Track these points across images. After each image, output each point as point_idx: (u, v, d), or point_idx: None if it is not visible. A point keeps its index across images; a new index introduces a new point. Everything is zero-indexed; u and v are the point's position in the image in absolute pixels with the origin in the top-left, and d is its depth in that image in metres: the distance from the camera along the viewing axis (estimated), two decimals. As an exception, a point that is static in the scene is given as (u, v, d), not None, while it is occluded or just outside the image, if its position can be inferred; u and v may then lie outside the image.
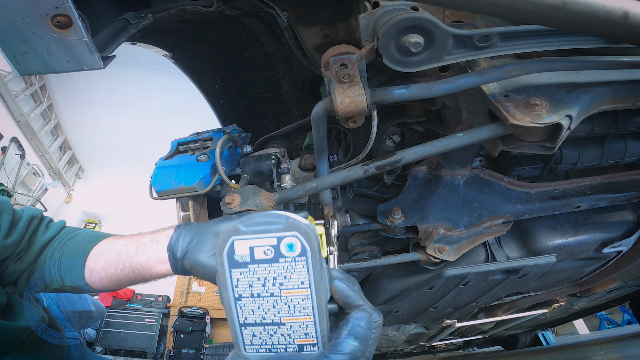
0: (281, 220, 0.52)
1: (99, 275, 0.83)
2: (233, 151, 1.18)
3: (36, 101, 6.33)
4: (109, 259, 0.83)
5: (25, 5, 0.62)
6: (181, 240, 0.78)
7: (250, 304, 0.54)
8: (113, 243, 0.87)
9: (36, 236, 0.91)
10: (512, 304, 1.99)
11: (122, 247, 0.84)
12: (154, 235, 0.84)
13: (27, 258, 0.88)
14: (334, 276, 0.59)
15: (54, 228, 0.94)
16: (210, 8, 1.02)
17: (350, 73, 0.80)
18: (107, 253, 0.84)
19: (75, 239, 0.90)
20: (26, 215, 0.90)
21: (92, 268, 0.84)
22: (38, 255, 0.89)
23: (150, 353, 6.77)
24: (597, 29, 0.64)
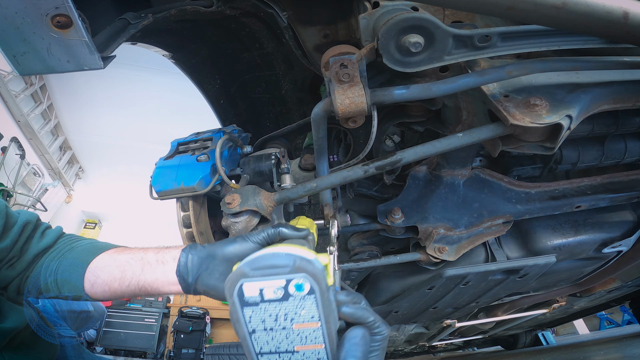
0: (288, 263, 0.53)
1: (101, 288, 0.83)
2: (233, 151, 1.17)
3: (36, 101, 6.33)
4: (112, 275, 0.82)
5: (25, 5, 0.62)
6: (190, 265, 0.78)
7: (264, 336, 0.56)
8: (114, 258, 0.85)
9: (30, 243, 0.89)
10: (512, 304, 1.99)
11: (126, 263, 0.83)
12: (158, 254, 0.83)
13: (19, 265, 0.87)
14: (341, 302, 0.61)
15: (50, 236, 0.92)
16: (210, 8, 1.02)
17: (350, 73, 0.80)
18: (110, 268, 0.83)
19: (73, 250, 0.89)
20: (20, 221, 0.87)
21: (94, 282, 0.83)
22: (31, 263, 0.88)
23: (150, 353, 6.77)
24: (597, 29, 0.64)
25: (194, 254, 0.78)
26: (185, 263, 0.78)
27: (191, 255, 0.78)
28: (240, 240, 0.78)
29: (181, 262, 0.78)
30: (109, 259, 0.86)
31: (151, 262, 0.82)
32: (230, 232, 1.04)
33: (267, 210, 1.00)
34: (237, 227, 1.01)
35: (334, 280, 0.86)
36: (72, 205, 8.58)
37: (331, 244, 0.96)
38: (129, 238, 9.06)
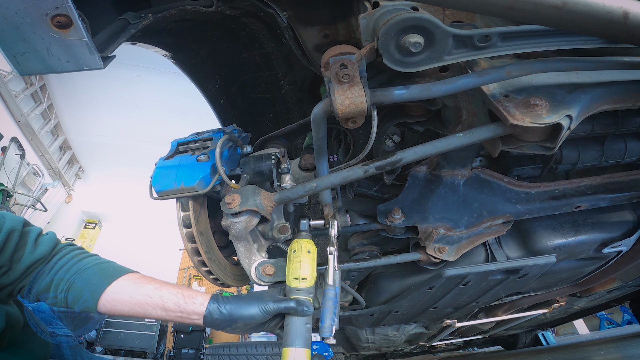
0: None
1: (119, 314, 0.93)
2: (233, 151, 1.17)
3: (36, 101, 6.34)
4: (132, 310, 0.92)
5: (25, 5, 0.62)
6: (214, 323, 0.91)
7: None
8: (132, 295, 0.92)
9: (22, 253, 0.90)
10: (512, 304, 1.99)
11: (146, 305, 0.91)
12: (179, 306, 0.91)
13: (13, 275, 0.89)
14: None
15: (44, 246, 0.94)
16: (210, 8, 1.02)
17: (350, 73, 0.80)
18: (130, 304, 0.92)
19: (83, 273, 0.93)
20: (5, 229, 0.88)
21: (111, 308, 0.92)
22: (24, 272, 0.90)
23: (150, 353, 6.77)
24: (597, 29, 0.64)
25: (216, 316, 0.90)
26: (211, 322, 0.91)
27: (214, 317, 0.90)
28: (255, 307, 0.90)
29: (207, 320, 0.91)
30: (125, 294, 0.92)
31: (174, 310, 0.91)
32: (230, 232, 1.04)
33: (267, 210, 1.00)
34: (237, 227, 1.01)
35: (334, 280, 0.88)
36: (72, 205, 8.59)
37: (331, 244, 0.96)
38: (129, 238, 9.07)
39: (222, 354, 5.61)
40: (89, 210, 9.46)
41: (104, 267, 0.97)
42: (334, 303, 0.86)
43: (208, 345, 6.83)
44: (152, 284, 0.95)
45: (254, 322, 0.90)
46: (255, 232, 1.07)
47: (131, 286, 0.93)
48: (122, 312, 0.92)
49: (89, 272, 0.93)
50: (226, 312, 0.90)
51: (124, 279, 0.94)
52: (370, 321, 1.79)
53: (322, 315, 0.84)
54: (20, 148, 6.11)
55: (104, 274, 0.94)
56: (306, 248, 0.98)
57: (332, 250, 0.96)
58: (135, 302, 0.91)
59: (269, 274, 1.04)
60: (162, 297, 0.92)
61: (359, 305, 1.62)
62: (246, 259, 1.08)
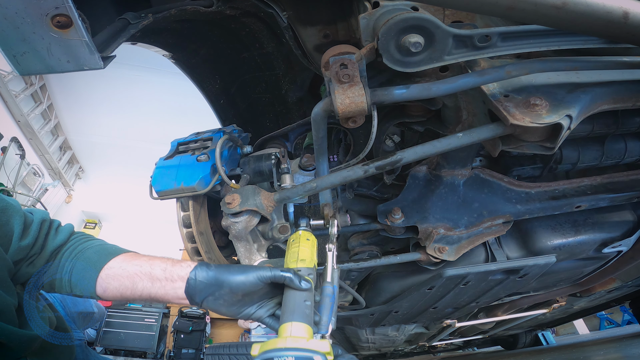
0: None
1: (113, 294, 0.89)
2: (233, 151, 1.18)
3: (36, 101, 6.33)
4: (123, 284, 0.88)
5: (25, 5, 0.62)
6: (198, 287, 0.83)
7: None
8: (124, 268, 0.90)
9: (47, 241, 0.92)
10: (512, 304, 1.99)
11: (135, 276, 0.88)
12: (166, 272, 0.87)
13: (38, 262, 0.90)
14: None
15: (64, 233, 0.96)
16: (210, 8, 1.02)
17: (350, 73, 0.80)
18: (121, 278, 0.88)
19: (85, 252, 0.93)
20: (37, 219, 0.91)
21: (105, 287, 0.89)
22: (48, 260, 0.91)
23: (150, 353, 6.76)
24: (597, 29, 0.64)
25: (201, 278, 0.83)
26: (194, 286, 0.83)
27: (198, 280, 0.83)
28: (246, 273, 0.82)
29: (190, 284, 0.83)
30: (119, 268, 0.90)
31: (160, 278, 0.86)
32: (230, 232, 1.04)
33: (267, 210, 1.01)
34: (237, 227, 1.01)
35: (332, 278, 0.88)
36: (72, 205, 8.58)
37: (330, 242, 0.96)
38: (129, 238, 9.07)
39: (222, 354, 5.60)
40: (89, 210, 9.46)
41: (105, 246, 0.96)
42: (332, 300, 0.84)
43: (208, 345, 6.83)
44: (146, 257, 0.92)
45: (242, 289, 0.81)
46: (255, 232, 1.07)
47: (125, 260, 0.91)
48: (114, 290, 0.88)
49: (90, 251, 0.93)
50: (213, 274, 0.82)
51: (120, 256, 0.92)
52: (370, 321, 1.79)
53: (319, 312, 0.81)
54: (20, 148, 6.11)
55: (104, 252, 0.93)
56: (305, 237, 0.97)
57: (332, 248, 0.95)
58: (126, 275, 0.88)
59: (269, 273, 1.04)
60: (152, 265, 0.88)
61: (359, 305, 1.62)
62: (246, 259, 1.08)
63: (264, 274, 0.81)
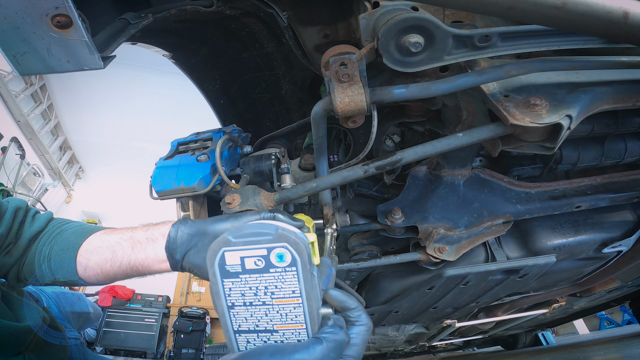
0: (270, 231, 0.53)
1: (94, 271, 0.82)
2: (233, 151, 1.17)
3: (36, 101, 6.34)
4: (103, 256, 0.81)
5: (25, 5, 0.62)
6: (179, 241, 0.76)
7: (243, 312, 0.55)
8: (104, 239, 0.84)
9: (23, 229, 0.87)
10: (512, 304, 1.99)
11: (116, 244, 0.82)
12: (148, 232, 0.81)
13: (16, 251, 0.85)
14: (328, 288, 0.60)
15: (41, 220, 0.90)
16: (210, 8, 1.02)
17: (350, 73, 0.80)
18: (100, 250, 0.82)
19: (63, 233, 0.87)
20: (11, 207, 0.86)
21: (86, 265, 0.82)
22: (26, 248, 0.86)
23: (150, 353, 6.77)
24: (597, 29, 0.64)
25: (183, 230, 0.76)
26: (175, 239, 0.76)
27: (180, 232, 0.76)
28: (232, 219, 0.76)
29: (170, 237, 0.76)
30: (98, 240, 0.84)
31: (141, 240, 0.80)
32: (230, 232, 1.04)
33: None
34: (237, 227, 1.01)
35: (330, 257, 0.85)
36: (72, 205, 8.59)
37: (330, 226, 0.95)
38: (129, 238, 9.05)
39: (222, 354, 5.61)
40: (89, 210, 9.46)
41: (84, 226, 0.90)
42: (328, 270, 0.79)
43: (208, 345, 6.84)
44: (127, 228, 0.87)
45: None
46: (255, 232, 1.07)
47: (106, 232, 0.86)
48: (94, 266, 0.80)
49: (68, 232, 0.87)
50: (196, 224, 0.76)
51: (101, 231, 0.87)
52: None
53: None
54: (20, 148, 6.11)
55: (82, 231, 0.87)
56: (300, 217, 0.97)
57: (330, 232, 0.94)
58: (106, 246, 0.81)
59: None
60: (135, 230, 0.82)
61: (359, 305, 1.61)
62: (246, 258, 1.08)
63: (250, 216, 0.75)
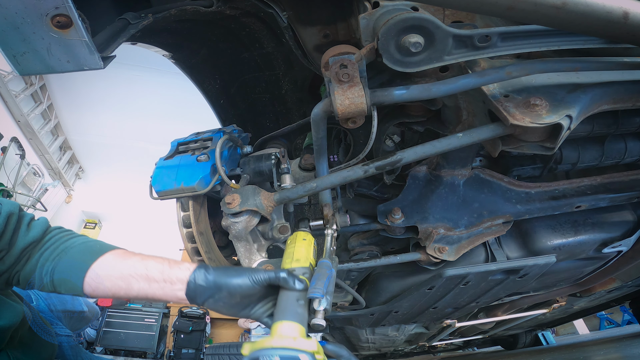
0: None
1: (104, 293, 0.87)
2: (233, 151, 1.18)
3: (36, 101, 6.33)
4: (116, 285, 0.86)
5: (25, 5, 0.62)
6: (198, 290, 0.83)
7: None
8: (115, 267, 0.87)
9: (17, 236, 0.88)
10: (512, 304, 1.99)
11: (130, 277, 0.86)
12: (164, 273, 0.86)
13: (8, 260, 0.87)
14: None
15: (37, 229, 0.91)
16: (210, 8, 1.02)
17: (350, 73, 0.80)
18: (113, 279, 0.86)
19: (68, 251, 0.89)
20: (4, 212, 0.86)
21: (95, 287, 0.86)
22: (19, 256, 0.87)
23: (150, 353, 6.77)
24: (597, 29, 0.64)
25: (200, 282, 0.83)
26: (195, 289, 0.83)
27: (199, 283, 0.83)
28: (243, 276, 0.83)
29: (190, 287, 0.83)
30: (109, 268, 0.87)
31: (157, 279, 0.85)
32: (230, 232, 1.04)
33: (267, 210, 1.01)
34: (237, 227, 1.01)
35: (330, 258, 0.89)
36: (72, 205, 8.59)
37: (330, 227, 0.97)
38: (129, 238, 9.07)
39: (222, 354, 5.61)
40: (89, 210, 9.46)
41: (90, 244, 0.92)
42: (328, 271, 0.81)
43: (208, 345, 6.83)
44: (138, 256, 0.90)
45: (240, 292, 0.82)
46: (255, 232, 1.07)
47: (116, 259, 0.88)
48: (105, 290, 0.86)
49: (74, 250, 0.89)
50: (212, 278, 0.83)
51: (109, 254, 0.89)
52: (370, 321, 1.79)
53: (313, 279, 0.79)
54: (20, 148, 6.11)
55: (89, 251, 0.89)
56: (301, 237, 0.96)
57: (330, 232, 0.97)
58: (119, 275, 0.85)
59: (269, 273, 1.05)
60: (147, 267, 0.86)
61: (359, 305, 1.62)
62: (246, 259, 1.08)
63: (259, 276, 0.82)
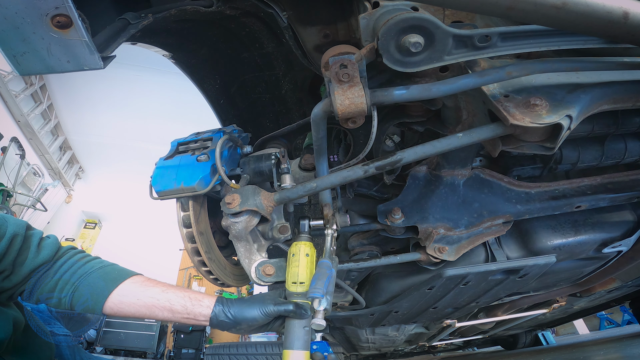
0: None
1: (124, 315, 0.97)
2: (233, 151, 1.17)
3: (36, 101, 6.34)
4: (139, 312, 0.96)
5: (25, 5, 0.62)
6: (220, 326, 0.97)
7: None
8: (138, 296, 0.96)
9: (25, 257, 0.92)
10: (512, 304, 1.99)
11: (154, 307, 0.96)
12: (187, 309, 0.96)
13: (15, 278, 0.91)
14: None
15: (47, 250, 0.96)
16: (210, 8, 1.02)
17: (350, 73, 0.80)
18: (136, 307, 0.96)
19: (88, 277, 0.96)
20: (8, 234, 0.89)
21: (117, 310, 0.95)
22: (27, 277, 0.92)
23: (150, 353, 6.77)
24: (597, 29, 0.64)
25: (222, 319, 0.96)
26: (217, 324, 0.96)
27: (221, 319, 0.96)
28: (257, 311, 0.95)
29: (213, 322, 0.96)
30: (132, 297, 0.96)
31: (181, 312, 0.96)
32: (230, 232, 1.04)
33: (267, 210, 1.01)
34: (237, 227, 1.01)
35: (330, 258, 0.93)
36: (72, 205, 8.59)
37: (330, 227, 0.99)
38: (129, 238, 9.08)
39: (222, 354, 5.61)
40: (89, 210, 9.46)
41: (107, 270, 1.00)
42: (328, 272, 0.88)
43: (208, 345, 6.83)
44: (158, 286, 0.99)
45: (256, 324, 0.95)
46: (255, 232, 1.07)
47: (138, 289, 0.97)
48: (127, 314, 0.96)
49: (93, 275, 0.96)
50: (231, 315, 0.95)
51: (129, 282, 0.98)
52: (370, 321, 1.79)
53: (313, 279, 0.87)
54: (20, 148, 6.11)
55: (108, 277, 0.97)
56: (304, 252, 1.00)
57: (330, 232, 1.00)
58: (142, 304, 0.95)
59: (269, 274, 1.05)
60: (170, 300, 0.96)
61: (359, 305, 1.62)
62: (246, 259, 1.08)
63: (271, 309, 0.94)
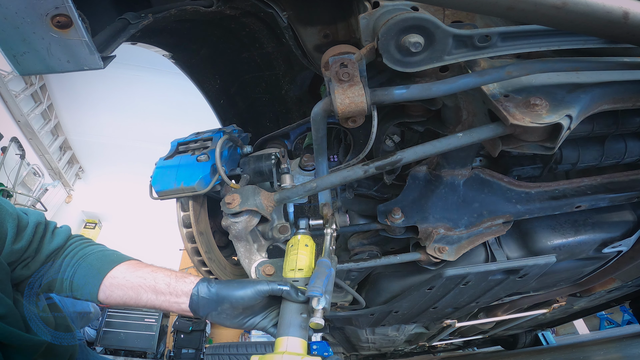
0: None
1: (115, 301, 0.93)
2: (233, 151, 1.18)
3: (36, 101, 6.34)
4: (126, 294, 0.92)
5: (25, 5, 0.62)
6: (201, 303, 0.88)
7: None
8: (127, 278, 0.93)
9: (42, 244, 0.93)
10: (512, 304, 1.99)
11: (139, 287, 0.92)
12: (170, 286, 0.90)
13: (33, 265, 0.92)
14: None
15: (60, 237, 0.97)
16: (210, 8, 1.02)
17: (350, 72, 0.80)
18: (124, 289, 0.92)
19: (86, 258, 0.95)
20: (32, 221, 0.92)
21: (109, 294, 0.93)
22: (43, 262, 0.93)
23: (150, 353, 6.77)
24: (597, 29, 0.64)
25: (203, 294, 0.88)
26: (197, 302, 0.88)
27: (201, 296, 0.88)
28: (245, 288, 0.85)
29: (193, 299, 0.88)
30: (122, 278, 0.93)
31: (164, 291, 0.90)
32: (230, 232, 1.04)
33: (267, 210, 1.01)
34: (237, 227, 1.01)
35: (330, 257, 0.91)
36: (72, 205, 8.59)
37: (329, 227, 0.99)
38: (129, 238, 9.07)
39: (222, 354, 5.61)
40: (89, 210, 9.46)
41: (107, 253, 0.99)
42: (327, 270, 0.82)
43: (208, 345, 6.83)
44: (149, 267, 0.96)
45: (242, 304, 0.85)
46: (255, 232, 1.07)
47: (128, 270, 0.94)
48: (117, 299, 0.92)
49: (92, 257, 0.95)
50: (214, 290, 0.87)
51: (123, 264, 0.96)
52: (370, 321, 1.79)
53: (312, 278, 0.79)
54: (20, 148, 6.11)
55: (106, 259, 0.96)
56: (303, 242, 0.97)
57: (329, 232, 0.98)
58: (130, 286, 0.92)
59: (269, 273, 1.05)
60: (156, 279, 0.91)
61: (359, 305, 1.61)
62: (246, 259, 1.08)
63: (262, 287, 0.84)
